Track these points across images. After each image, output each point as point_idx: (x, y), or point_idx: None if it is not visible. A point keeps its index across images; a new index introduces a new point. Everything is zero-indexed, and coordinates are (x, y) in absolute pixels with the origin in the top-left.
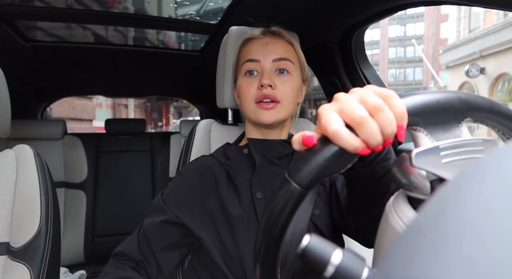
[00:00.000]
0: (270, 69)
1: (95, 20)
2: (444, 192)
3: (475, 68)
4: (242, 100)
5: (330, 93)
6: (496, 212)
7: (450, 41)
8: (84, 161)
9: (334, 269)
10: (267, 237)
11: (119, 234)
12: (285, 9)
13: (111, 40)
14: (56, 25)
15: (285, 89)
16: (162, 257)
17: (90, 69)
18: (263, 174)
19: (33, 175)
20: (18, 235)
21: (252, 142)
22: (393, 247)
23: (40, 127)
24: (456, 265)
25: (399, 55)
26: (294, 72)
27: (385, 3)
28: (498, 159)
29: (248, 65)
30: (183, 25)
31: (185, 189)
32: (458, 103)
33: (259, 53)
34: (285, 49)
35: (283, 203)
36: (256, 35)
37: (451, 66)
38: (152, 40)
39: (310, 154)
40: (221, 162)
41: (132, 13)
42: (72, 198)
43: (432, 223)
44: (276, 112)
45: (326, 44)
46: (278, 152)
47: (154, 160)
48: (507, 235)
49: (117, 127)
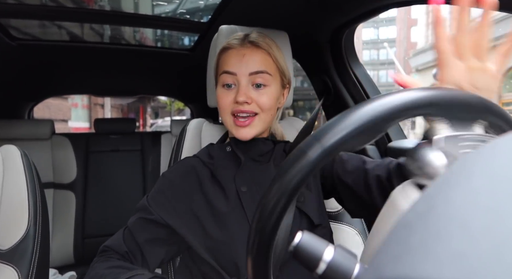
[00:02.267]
0: (246, 84)
1: (83, 18)
2: (432, 189)
3: None
4: (220, 111)
5: (321, 92)
6: (484, 208)
7: (419, 46)
8: (73, 161)
9: (326, 266)
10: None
11: (109, 234)
12: (276, 8)
13: (100, 38)
14: (43, 23)
15: (263, 102)
16: (146, 249)
17: (78, 68)
18: (246, 171)
19: (20, 176)
20: (5, 237)
21: (234, 140)
22: (383, 244)
23: (27, 127)
24: (446, 261)
25: (373, 57)
26: (272, 84)
27: (374, 2)
28: (486, 155)
29: (225, 77)
30: (173, 24)
31: (169, 190)
32: (479, 104)
33: (235, 66)
34: (263, 61)
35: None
36: (234, 45)
37: (420, 69)
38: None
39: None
40: (204, 162)
41: (122, 11)
42: (61, 199)
43: (421, 220)
44: (252, 128)
45: (316, 43)
46: (260, 149)
47: (144, 160)
48: (495, 230)
49: (107, 127)
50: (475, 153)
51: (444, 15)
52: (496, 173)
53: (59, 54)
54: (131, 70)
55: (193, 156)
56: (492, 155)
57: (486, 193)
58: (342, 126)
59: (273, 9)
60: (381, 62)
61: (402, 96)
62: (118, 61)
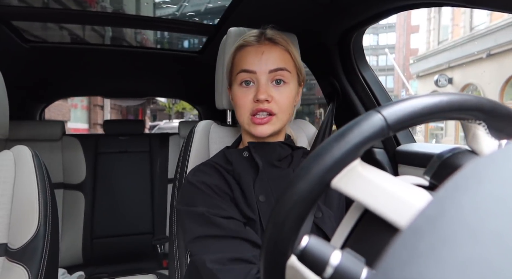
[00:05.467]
0: (266, 81)
1: (94, 21)
2: (442, 194)
3: (444, 78)
4: (237, 110)
5: (329, 95)
6: (493, 214)
7: (420, 52)
8: (82, 162)
9: (333, 270)
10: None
11: (118, 235)
12: (284, 10)
13: (110, 41)
14: (55, 25)
15: (282, 101)
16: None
17: (89, 70)
18: (265, 177)
19: (31, 176)
20: (16, 236)
21: (252, 145)
22: (391, 248)
23: (38, 128)
24: (454, 267)
25: (372, 63)
26: (291, 81)
27: (384, 5)
28: (496, 161)
29: (243, 75)
30: (181, 26)
31: (207, 191)
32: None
33: (254, 64)
34: (282, 58)
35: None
36: (251, 42)
37: (422, 76)
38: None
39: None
40: (225, 168)
41: (132, 14)
42: (71, 199)
43: (430, 225)
44: (270, 125)
45: (325, 46)
46: (278, 154)
47: (152, 161)
48: (504, 237)
49: (116, 129)
50: (486, 158)
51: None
52: (507, 179)
53: (71, 56)
54: (140, 72)
55: (210, 160)
56: (503, 160)
57: (496, 199)
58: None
59: (282, 12)
60: (380, 68)
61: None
62: (128, 64)
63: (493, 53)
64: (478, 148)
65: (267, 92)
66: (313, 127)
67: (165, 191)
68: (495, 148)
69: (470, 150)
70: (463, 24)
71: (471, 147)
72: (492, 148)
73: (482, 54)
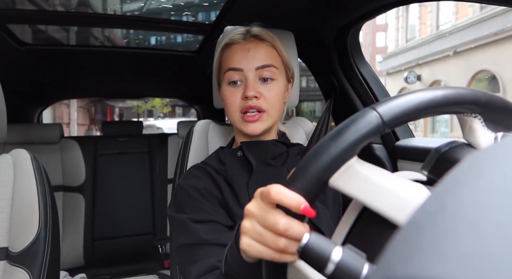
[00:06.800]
0: (253, 79)
1: (90, 22)
2: (442, 188)
3: (413, 75)
4: (227, 109)
5: (327, 92)
6: (494, 207)
7: (389, 50)
8: (82, 164)
9: (335, 266)
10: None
11: (119, 236)
12: (281, 8)
13: (106, 42)
14: (50, 28)
15: (271, 97)
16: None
17: (86, 71)
18: (259, 177)
19: (30, 179)
20: (17, 240)
21: (245, 145)
22: (392, 244)
23: (36, 131)
24: (455, 261)
25: None
26: (279, 77)
27: (379, 1)
28: (495, 153)
29: (230, 74)
30: (178, 26)
31: (193, 193)
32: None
33: (241, 61)
34: (268, 55)
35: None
36: (237, 40)
37: (391, 73)
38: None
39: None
40: (217, 169)
41: (128, 15)
42: (71, 202)
43: (430, 219)
44: (261, 123)
45: (322, 42)
46: (272, 152)
47: (152, 162)
48: (505, 230)
49: (114, 130)
50: (485, 151)
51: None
52: (506, 172)
53: (67, 58)
54: (138, 73)
55: (202, 162)
56: (501, 153)
57: (496, 192)
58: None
59: (278, 9)
60: None
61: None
62: (125, 64)
63: (459, 51)
64: (475, 141)
65: (255, 89)
66: (310, 123)
67: (165, 191)
68: (492, 141)
69: (467, 143)
70: (430, 22)
71: (467, 140)
72: (489, 141)
73: (449, 51)
